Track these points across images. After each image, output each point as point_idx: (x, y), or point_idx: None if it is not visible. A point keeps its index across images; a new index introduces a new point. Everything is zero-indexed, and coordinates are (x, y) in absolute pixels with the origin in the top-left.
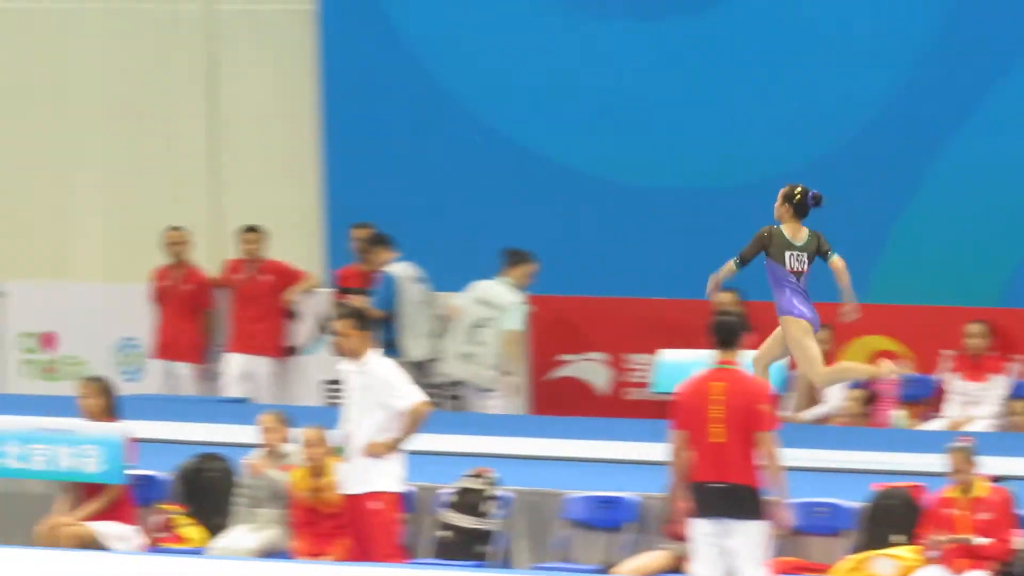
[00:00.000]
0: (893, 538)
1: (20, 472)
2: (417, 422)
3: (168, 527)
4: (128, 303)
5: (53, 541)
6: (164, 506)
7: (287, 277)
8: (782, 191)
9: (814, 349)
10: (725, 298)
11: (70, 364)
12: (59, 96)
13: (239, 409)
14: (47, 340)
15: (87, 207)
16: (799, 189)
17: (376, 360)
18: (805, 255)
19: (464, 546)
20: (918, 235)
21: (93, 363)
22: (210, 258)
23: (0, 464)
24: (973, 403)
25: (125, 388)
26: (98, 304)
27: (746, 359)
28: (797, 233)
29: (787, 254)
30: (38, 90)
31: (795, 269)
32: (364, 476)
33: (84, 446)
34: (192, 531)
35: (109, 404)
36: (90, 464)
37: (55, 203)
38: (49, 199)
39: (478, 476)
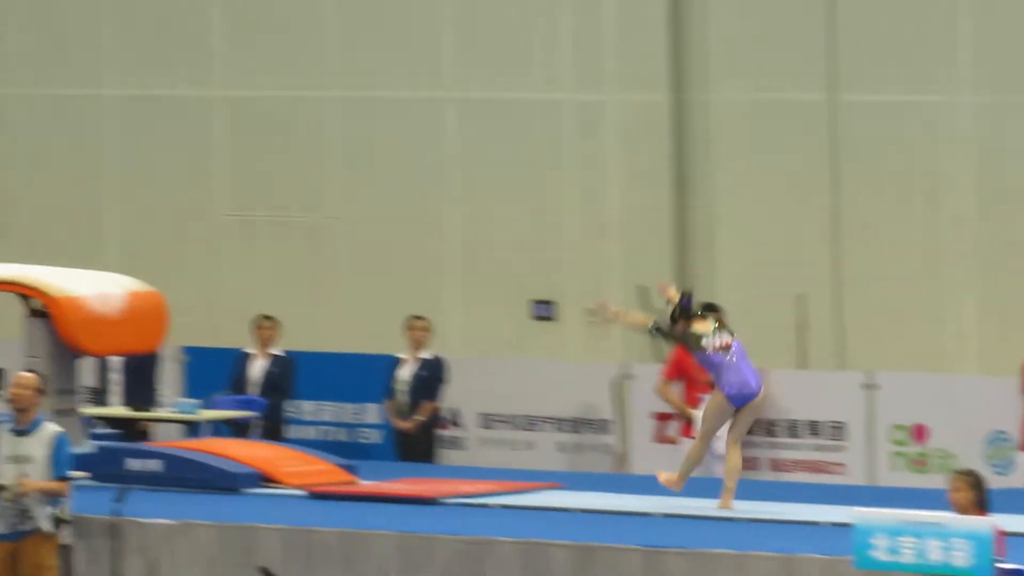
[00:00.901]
0: None
1: (889, 565)
2: None
3: None
4: (1000, 396)
5: None
6: None
7: None
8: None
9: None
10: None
11: (940, 457)
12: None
13: None
14: (918, 432)
15: (959, 296)
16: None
17: None
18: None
19: None
20: None
21: (963, 456)
22: None
23: (869, 556)
24: None
25: (995, 481)
26: (970, 396)
27: None
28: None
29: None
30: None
31: (719, 346)
32: None
33: (953, 540)
34: None
35: (979, 498)
36: (959, 558)
37: (927, 293)
38: (920, 288)
39: None
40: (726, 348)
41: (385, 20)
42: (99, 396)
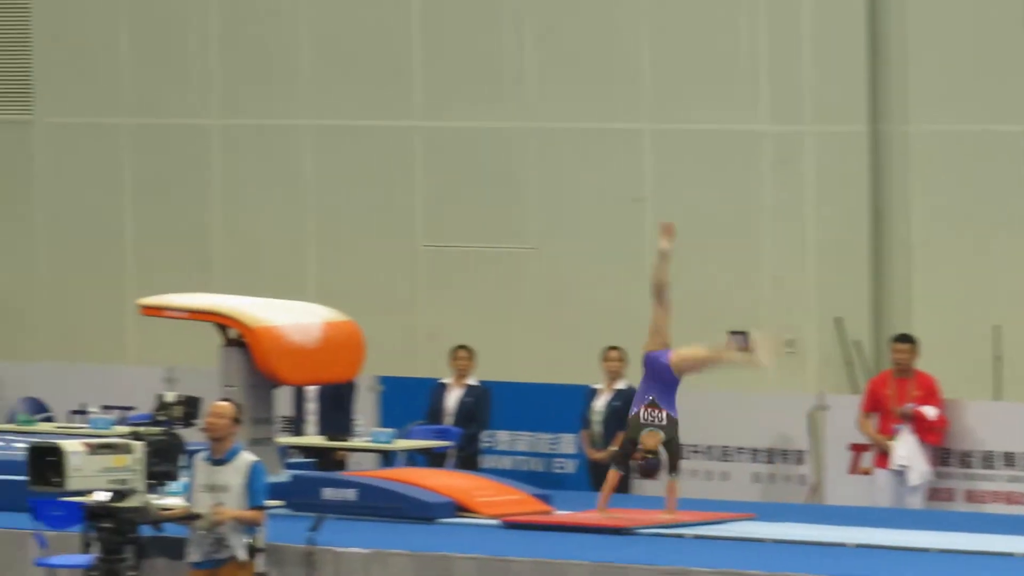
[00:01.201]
0: None
1: None
2: None
3: None
4: None
5: None
6: None
7: None
8: None
9: None
10: None
11: None
12: None
13: None
14: None
15: None
16: None
17: None
18: None
19: None
20: None
21: None
22: None
23: None
24: None
25: None
26: None
27: None
28: None
29: None
30: None
31: None
32: None
33: None
34: None
35: None
36: None
37: None
38: None
39: None
40: None
41: (583, 53)
42: (295, 425)
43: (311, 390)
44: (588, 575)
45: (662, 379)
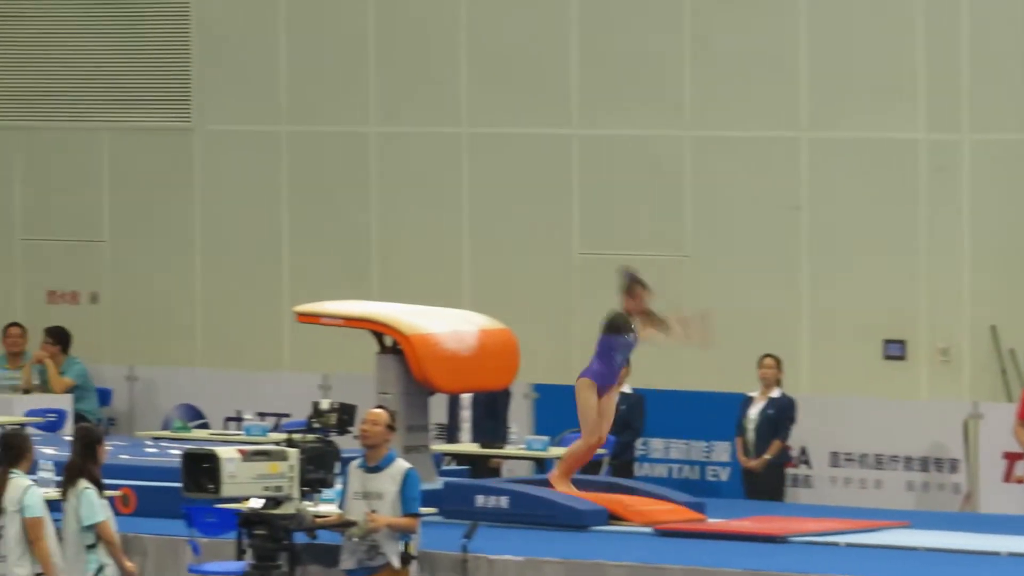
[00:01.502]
0: None
1: None
2: None
3: None
4: None
5: None
6: None
7: None
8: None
9: None
10: None
11: None
12: None
13: None
14: None
15: None
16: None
17: None
18: None
19: None
20: None
21: None
22: None
23: None
24: None
25: None
26: None
27: None
28: None
29: None
30: None
31: None
32: None
33: None
34: None
35: None
36: None
37: None
38: None
39: None
40: None
41: (741, 61)
42: (449, 432)
43: (465, 397)
44: None
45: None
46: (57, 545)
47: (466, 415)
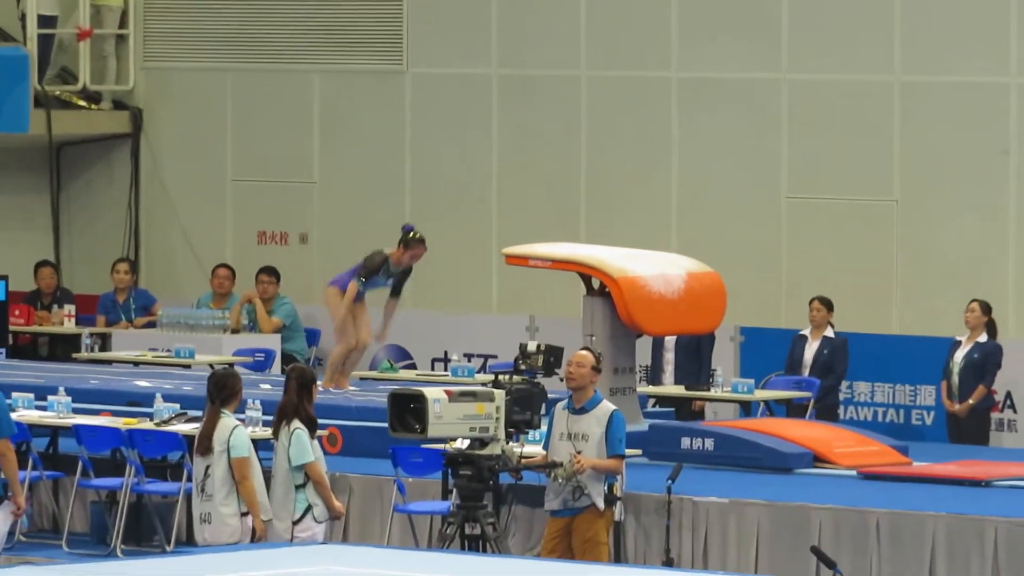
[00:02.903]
0: None
1: None
2: None
3: None
4: None
5: None
6: None
7: None
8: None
9: None
10: None
11: None
12: None
13: None
14: None
15: None
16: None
17: None
18: None
19: None
20: None
21: None
22: None
23: None
24: None
25: None
26: None
27: None
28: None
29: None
30: None
31: None
32: None
33: None
34: None
35: None
36: None
37: None
38: None
39: None
40: None
41: (950, 5)
42: (652, 375)
43: (669, 340)
44: (944, 527)
45: None
46: (263, 485)
47: (669, 357)
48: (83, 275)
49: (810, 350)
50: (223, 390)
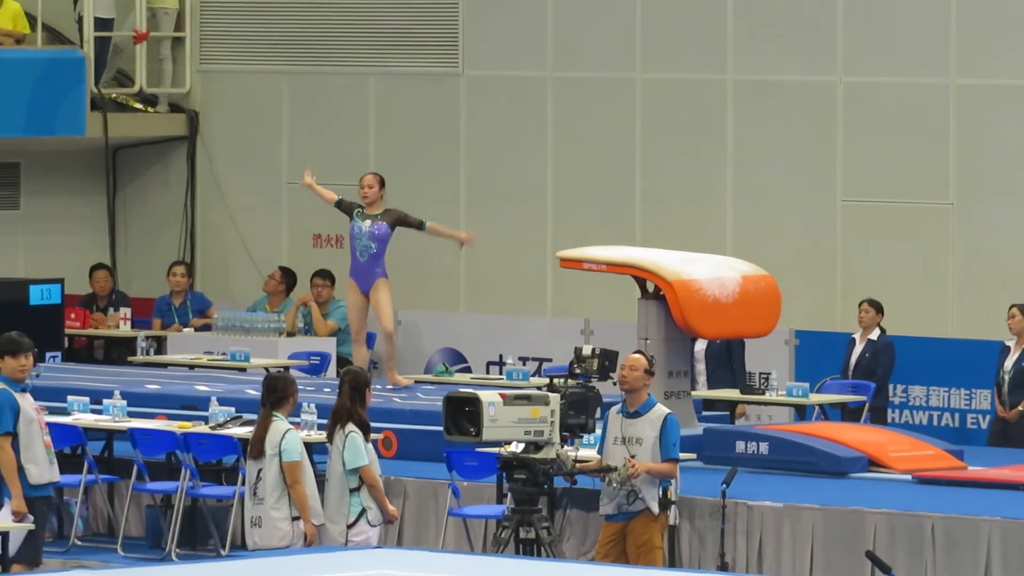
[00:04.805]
0: None
1: None
2: None
3: None
4: None
5: None
6: None
7: None
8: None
9: None
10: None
11: None
12: None
13: None
14: None
15: None
16: None
17: None
18: None
19: None
20: None
21: None
22: None
23: None
24: None
25: None
26: None
27: None
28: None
29: None
30: None
31: None
32: None
33: None
34: None
35: None
36: None
37: None
38: None
39: None
40: None
41: (1005, 8)
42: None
43: (699, 351)
44: (1000, 531)
45: None
46: (315, 489)
47: (700, 368)
48: (139, 278)
49: (855, 352)
50: (274, 393)
